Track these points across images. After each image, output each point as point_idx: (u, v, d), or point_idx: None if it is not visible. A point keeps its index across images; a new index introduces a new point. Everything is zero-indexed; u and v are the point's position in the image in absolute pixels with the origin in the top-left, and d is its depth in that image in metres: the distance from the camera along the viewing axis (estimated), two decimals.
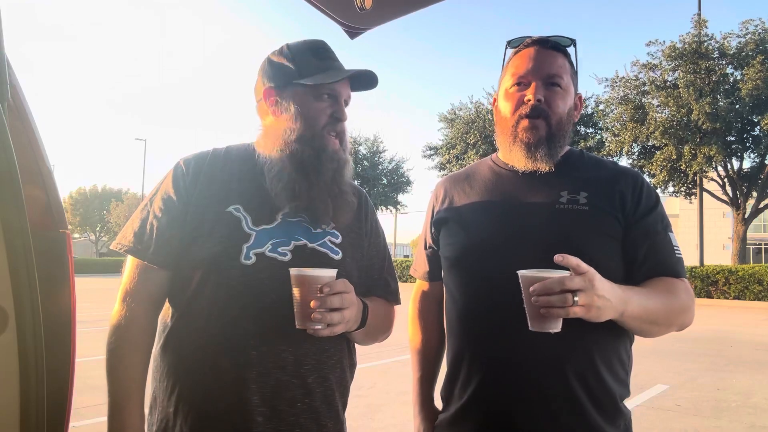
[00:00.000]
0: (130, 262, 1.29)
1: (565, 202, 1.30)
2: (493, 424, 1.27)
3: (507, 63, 1.41)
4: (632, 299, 1.14)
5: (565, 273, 1.05)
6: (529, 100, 1.31)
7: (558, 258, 1.04)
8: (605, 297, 1.06)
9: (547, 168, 1.33)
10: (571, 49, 1.39)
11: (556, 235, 1.26)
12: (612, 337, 1.26)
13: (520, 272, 1.09)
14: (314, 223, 1.32)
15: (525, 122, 1.32)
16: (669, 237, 1.30)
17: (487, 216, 1.37)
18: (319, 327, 1.11)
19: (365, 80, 1.37)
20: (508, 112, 1.36)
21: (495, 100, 1.45)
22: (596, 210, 1.29)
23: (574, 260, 1.04)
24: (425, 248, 1.55)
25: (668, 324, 1.25)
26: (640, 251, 1.27)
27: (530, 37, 1.38)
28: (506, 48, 1.43)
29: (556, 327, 1.06)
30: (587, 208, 1.29)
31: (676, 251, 1.30)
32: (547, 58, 1.34)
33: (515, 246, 1.28)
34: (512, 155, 1.37)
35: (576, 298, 1.02)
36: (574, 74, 1.39)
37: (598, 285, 1.05)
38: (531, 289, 1.05)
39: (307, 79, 1.29)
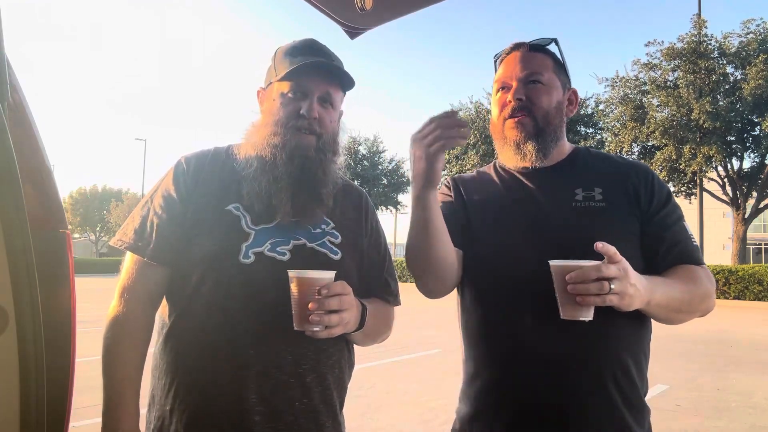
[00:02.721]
0: (130, 259, 1.29)
1: (581, 200, 1.32)
2: (523, 422, 1.27)
3: (496, 74, 1.45)
4: (657, 289, 1.17)
5: (598, 262, 1.06)
6: (510, 101, 1.35)
7: (599, 245, 1.06)
8: (636, 286, 1.09)
9: (539, 163, 1.35)
10: (553, 47, 1.42)
11: (575, 235, 1.27)
12: (637, 331, 1.28)
13: (552, 262, 1.11)
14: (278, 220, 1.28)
15: (510, 121, 1.36)
16: (684, 226, 1.33)
17: (504, 218, 1.37)
18: (317, 329, 1.11)
19: (343, 76, 1.33)
20: (496, 117, 1.40)
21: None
22: (613, 206, 1.30)
23: (611, 249, 1.07)
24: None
25: (692, 311, 1.27)
26: (662, 243, 1.29)
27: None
28: (495, 63, 1.47)
29: (588, 315, 1.08)
30: (604, 205, 1.31)
31: (693, 239, 1.32)
32: (525, 59, 1.38)
33: (536, 247, 1.28)
34: (504, 155, 1.40)
35: (612, 286, 1.04)
36: (559, 69, 1.41)
37: (631, 274, 1.09)
38: (567, 277, 1.07)
39: (278, 77, 1.30)
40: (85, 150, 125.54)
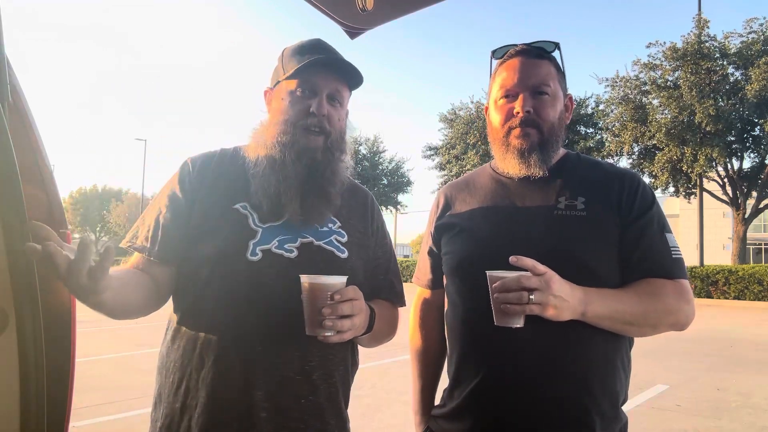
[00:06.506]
0: (135, 257, 1.30)
1: (563, 208, 1.32)
2: (489, 425, 1.28)
3: (494, 73, 1.43)
4: (596, 301, 1.18)
5: (522, 273, 1.10)
6: (518, 113, 1.33)
7: (513, 259, 1.10)
8: (562, 297, 1.11)
9: (541, 173, 1.34)
10: (555, 53, 1.40)
11: (553, 242, 1.27)
12: (612, 340, 1.26)
13: (488, 272, 1.15)
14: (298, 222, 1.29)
15: (516, 131, 1.34)
16: (665, 238, 1.30)
17: (487, 223, 1.38)
18: (330, 334, 1.11)
19: (353, 72, 1.32)
20: (499, 124, 1.38)
21: (486, 108, 1.46)
22: (594, 216, 1.29)
23: (530, 261, 1.10)
24: (428, 255, 1.55)
25: (650, 325, 1.24)
26: (634, 253, 1.28)
27: (514, 46, 1.39)
28: (492, 57, 1.44)
29: (518, 323, 1.12)
30: (585, 214, 1.30)
31: (674, 252, 1.29)
32: (532, 68, 1.35)
33: (514, 252, 1.27)
34: (506, 163, 1.38)
35: (532, 297, 1.08)
36: (561, 77, 1.40)
37: (555, 286, 1.10)
38: (493, 286, 1.11)
39: (286, 75, 1.29)
40: (85, 150, 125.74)
